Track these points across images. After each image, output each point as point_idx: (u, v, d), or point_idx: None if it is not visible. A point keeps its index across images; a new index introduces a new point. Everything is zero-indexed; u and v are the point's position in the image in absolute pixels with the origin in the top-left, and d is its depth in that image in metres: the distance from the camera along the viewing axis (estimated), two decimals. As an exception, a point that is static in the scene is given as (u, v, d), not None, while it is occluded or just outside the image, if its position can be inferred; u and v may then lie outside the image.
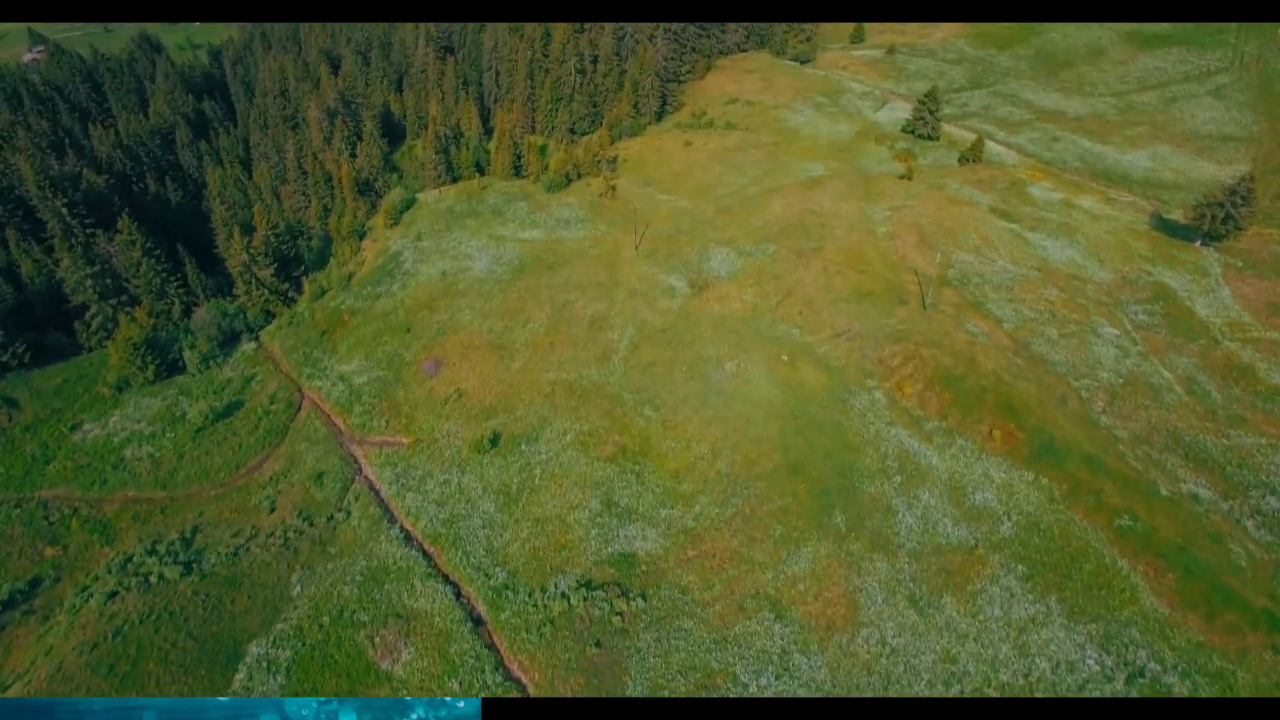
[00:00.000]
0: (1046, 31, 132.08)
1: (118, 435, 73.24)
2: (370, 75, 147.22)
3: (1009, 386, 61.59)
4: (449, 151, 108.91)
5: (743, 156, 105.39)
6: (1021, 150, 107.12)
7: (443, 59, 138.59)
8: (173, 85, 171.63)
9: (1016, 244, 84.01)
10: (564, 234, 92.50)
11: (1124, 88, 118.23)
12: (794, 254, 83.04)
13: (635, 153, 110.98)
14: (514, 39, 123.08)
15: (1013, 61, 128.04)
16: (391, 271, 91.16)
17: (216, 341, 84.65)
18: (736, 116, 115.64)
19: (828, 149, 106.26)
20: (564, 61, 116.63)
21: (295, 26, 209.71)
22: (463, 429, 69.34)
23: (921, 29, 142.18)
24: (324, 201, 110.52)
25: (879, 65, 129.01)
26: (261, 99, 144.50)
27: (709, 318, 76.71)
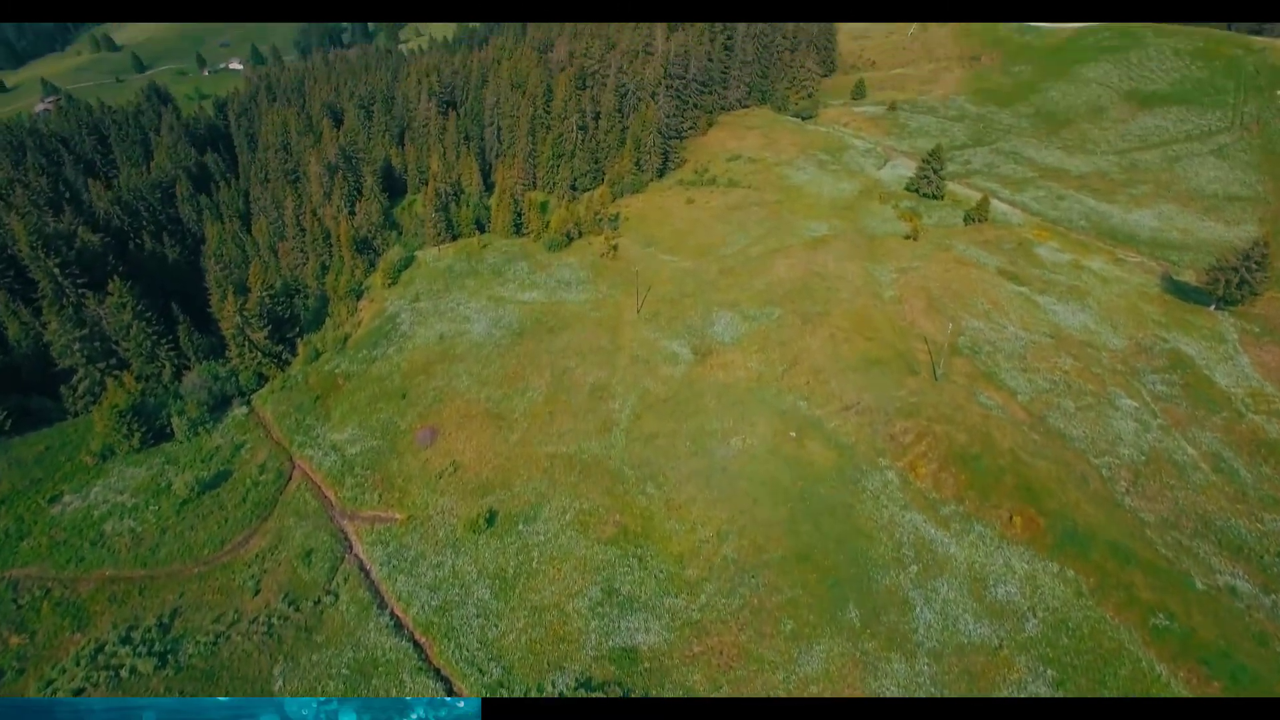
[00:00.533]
0: (1046, 89, 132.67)
1: (99, 508, 70.31)
2: (372, 129, 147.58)
3: (1027, 466, 59.00)
4: (449, 209, 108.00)
5: (745, 215, 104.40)
6: (1027, 209, 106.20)
7: (444, 114, 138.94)
8: (177, 137, 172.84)
9: (1027, 308, 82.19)
10: (565, 296, 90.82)
11: (1126, 145, 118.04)
12: (799, 318, 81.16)
13: (637, 210, 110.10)
14: (516, 95, 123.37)
15: (1014, 119, 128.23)
16: (388, 334, 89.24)
17: (207, 406, 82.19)
18: (739, 173, 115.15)
19: (831, 207, 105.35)
20: (566, 118, 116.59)
21: (301, 79, 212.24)
22: (458, 505, 66.56)
23: (922, 85, 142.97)
24: (322, 259, 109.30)
25: (881, 121, 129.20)
26: (263, 153, 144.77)
27: (713, 387, 74.46)
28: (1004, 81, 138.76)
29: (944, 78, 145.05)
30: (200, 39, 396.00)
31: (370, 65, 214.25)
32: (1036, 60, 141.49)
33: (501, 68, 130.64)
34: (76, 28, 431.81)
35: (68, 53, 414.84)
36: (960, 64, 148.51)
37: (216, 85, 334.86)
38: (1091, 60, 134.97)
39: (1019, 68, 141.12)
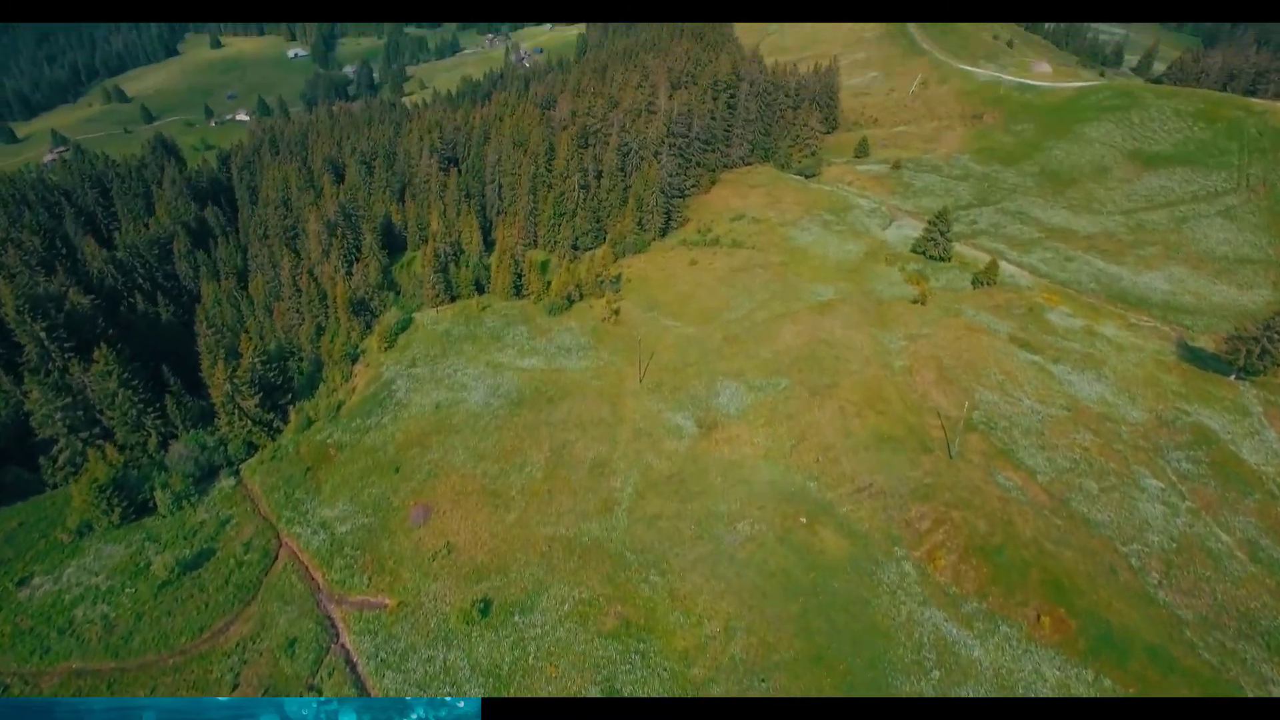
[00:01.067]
0: (1050, 148, 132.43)
1: (71, 591, 66.79)
2: (373, 185, 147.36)
3: (1053, 558, 55.67)
4: (448, 270, 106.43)
5: (750, 277, 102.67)
6: (1035, 270, 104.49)
7: (445, 170, 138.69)
8: (178, 191, 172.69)
9: (1041, 379, 79.60)
10: (565, 363, 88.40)
11: (1132, 206, 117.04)
12: (807, 390, 78.54)
13: (639, 271, 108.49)
14: (517, 153, 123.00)
15: (1019, 178, 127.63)
16: (383, 401, 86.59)
17: (193, 478, 79.12)
18: (743, 234, 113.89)
19: (837, 270, 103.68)
20: (568, 176, 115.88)
21: (304, 132, 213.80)
22: (451, 591, 63.07)
23: (925, 143, 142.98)
24: (318, 320, 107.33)
25: (885, 180, 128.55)
26: (263, 208, 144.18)
27: (718, 463, 71.47)
28: (1007, 140, 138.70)
29: (946, 136, 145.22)
30: (209, 91, 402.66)
31: (373, 119, 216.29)
32: (1038, 119, 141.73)
33: (503, 125, 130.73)
34: (88, 80, 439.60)
35: (79, 104, 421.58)
36: (962, 122, 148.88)
37: (222, 136, 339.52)
38: (1093, 120, 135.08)
39: (1021, 126, 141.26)
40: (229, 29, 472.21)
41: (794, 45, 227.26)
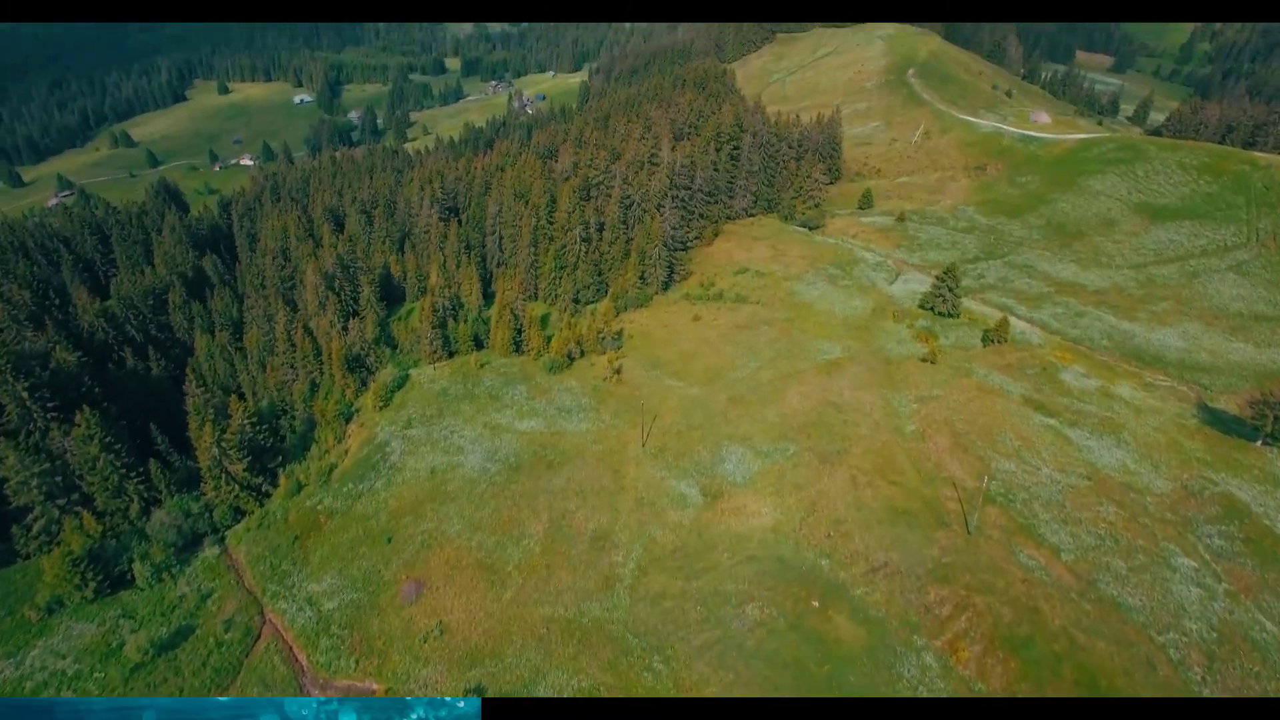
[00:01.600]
0: (1055, 201, 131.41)
1: (33, 677, 62.87)
2: (373, 235, 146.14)
3: (1085, 651, 52.02)
4: (446, 325, 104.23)
5: (755, 335, 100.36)
6: (1045, 327, 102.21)
7: (446, 221, 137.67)
8: (178, 238, 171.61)
9: (1059, 445, 76.58)
10: (565, 425, 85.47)
11: (1141, 260, 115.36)
12: (817, 457, 75.50)
13: (641, 327, 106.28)
14: (518, 205, 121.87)
15: (1025, 231, 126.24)
16: (376, 465, 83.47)
17: (175, 548, 75.70)
18: (747, 288, 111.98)
19: (844, 326, 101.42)
20: (569, 229, 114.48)
21: (306, 178, 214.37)
22: (442, 677, 59.22)
23: (929, 195, 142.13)
24: (312, 376, 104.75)
25: (890, 233, 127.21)
26: (261, 258, 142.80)
27: (725, 537, 68.09)
28: (1011, 192, 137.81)
29: (950, 187, 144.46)
30: (215, 136, 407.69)
31: (375, 166, 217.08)
32: (1042, 171, 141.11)
33: (505, 175, 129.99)
34: (97, 125, 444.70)
35: (87, 149, 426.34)
36: (966, 173, 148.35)
37: (226, 180, 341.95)
38: (1097, 172, 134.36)
39: (1025, 178, 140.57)
40: (236, 75, 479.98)
41: (795, 94, 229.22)
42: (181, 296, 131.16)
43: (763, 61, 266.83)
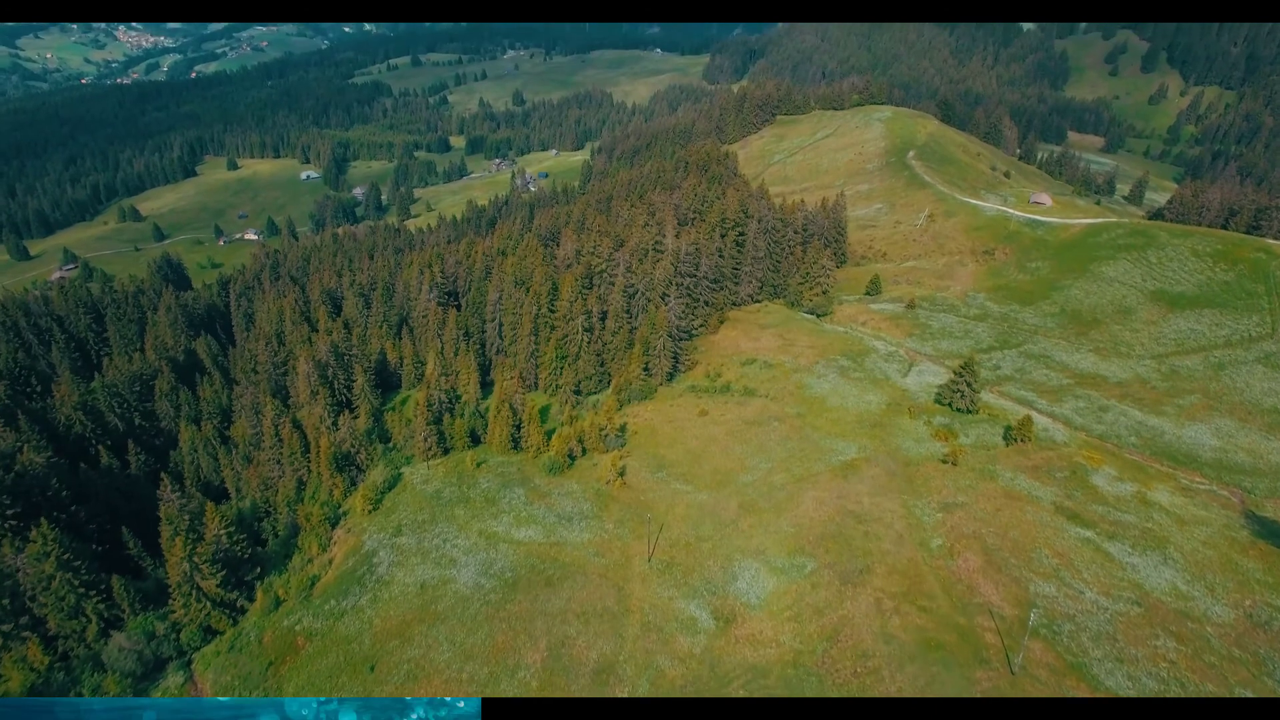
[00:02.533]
0: (1067, 288, 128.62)
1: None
2: (370, 319, 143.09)
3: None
4: (442, 420, 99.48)
5: (765, 432, 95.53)
6: (1068, 422, 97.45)
7: (445, 306, 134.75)
8: (174, 318, 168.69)
9: (1100, 562, 70.70)
10: (565, 534, 79.67)
11: (1162, 350, 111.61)
12: (837, 576, 69.57)
13: (646, 422, 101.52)
14: (519, 292, 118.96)
15: (1039, 319, 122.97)
16: (362, 578, 77.32)
17: (134, 677, 68.88)
18: (755, 380, 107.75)
19: (857, 423, 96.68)
20: (571, 318, 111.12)
21: (305, 260, 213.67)
22: (420, 846, 51.61)
23: (938, 280, 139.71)
24: (299, 474, 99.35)
25: (900, 321, 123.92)
26: (254, 342, 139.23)
27: (740, 669, 61.59)
28: (1022, 278, 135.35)
29: (959, 272, 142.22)
30: (221, 211, 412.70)
31: (377, 245, 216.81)
32: (1052, 256, 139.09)
33: (506, 262, 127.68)
34: (107, 199, 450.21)
35: (95, 222, 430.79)
36: (974, 258, 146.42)
37: (230, 254, 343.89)
38: (1109, 258, 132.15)
39: (1035, 264, 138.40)
40: (246, 152, 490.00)
41: (796, 175, 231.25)
42: (170, 383, 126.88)
43: (763, 142, 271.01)
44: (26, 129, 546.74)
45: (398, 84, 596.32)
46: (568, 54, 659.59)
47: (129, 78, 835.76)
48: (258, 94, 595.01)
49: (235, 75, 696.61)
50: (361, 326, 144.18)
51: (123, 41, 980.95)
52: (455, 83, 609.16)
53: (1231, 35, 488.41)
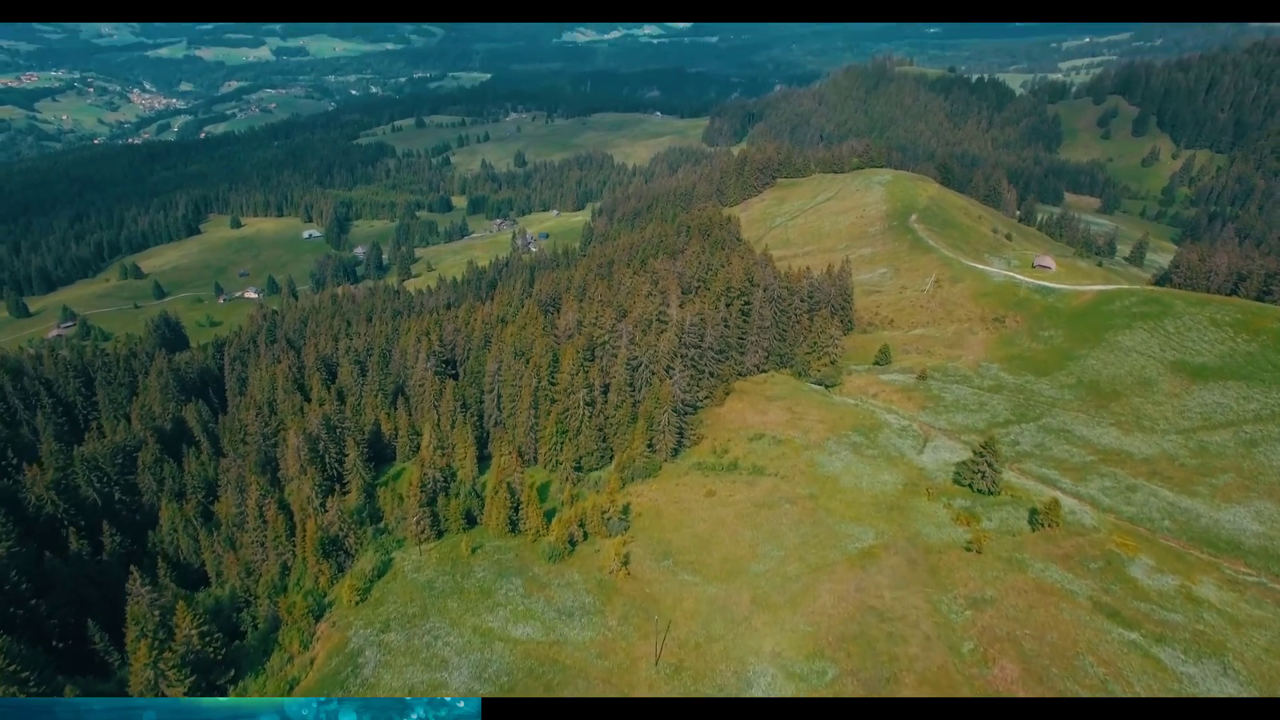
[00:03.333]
0: (1083, 357, 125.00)
1: None
2: (365, 386, 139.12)
3: None
4: (436, 502, 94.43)
5: (776, 515, 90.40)
6: (1096, 503, 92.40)
7: (442, 377, 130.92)
8: (164, 383, 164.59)
9: (1152, 671, 64.86)
10: (566, 632, 73.87)
11: (1188, 425, 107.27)
12: (861, 685, 63.70)
13: (650, 502, 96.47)
14: (519, 364, 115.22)
15: (1056, 390, 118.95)
16: (345, 682, 71.19)
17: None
18: (764, 458, 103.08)
19: (873, 505, 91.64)
20: (572, 392, 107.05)
21: (303, 323, 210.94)
22: None
23: (948, 350, 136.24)
24: (283, 557, 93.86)
25: (912, 393, 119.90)
26: (245, 411, 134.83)
27: (761, 801, 55.13)
28: (1035, 347, 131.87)
29: (969, 341, 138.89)
30: (223, 269, 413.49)
31: (375, 308, 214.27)
32: (1065, 325, 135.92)
33: (505, 331, 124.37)
34: (110, 257, 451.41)
35: (97, 279, 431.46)
36: (984, 325, 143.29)
37: (229, 312, 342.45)
38: (1125, 327, 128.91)
39: (1048, 332, 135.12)
40: (250, 210, 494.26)
41: (798, 239, 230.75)
42: (154, 454, 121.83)
43: (764, 205, 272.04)
44: (37, 188, 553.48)
45: (402, 145, 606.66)
46: (569, 116, 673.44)
47: (140, 138, 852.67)
48: (264, 154, 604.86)
49: (243, 135, 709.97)
50: (356, 395, 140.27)
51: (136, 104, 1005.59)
52: (458, 144, 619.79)
53: (1218, 102, 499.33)
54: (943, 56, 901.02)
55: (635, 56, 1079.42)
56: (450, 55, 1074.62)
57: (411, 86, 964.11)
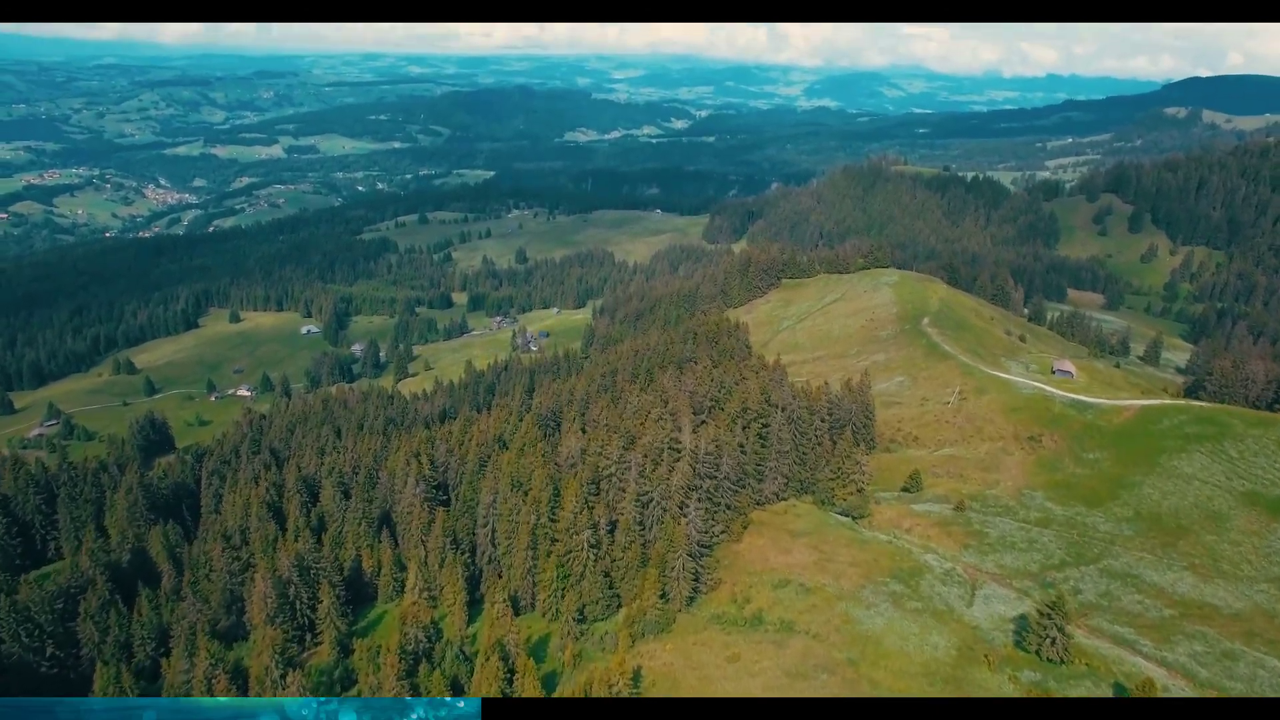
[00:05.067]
0: (1138, 485, 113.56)
1: None
2: (348, 513, 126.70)
3: None
4: (418, 670, 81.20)
5: (813, 688, 77.02)
6: (1191, 676, 79.01)
7: (433, 503, 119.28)
8: (133, 502, 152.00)
9: None
10: None
11: (1278, 570, 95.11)
12: None
13: (665, 667, 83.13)
14: (516, 497, 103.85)
15: (1113, 525, 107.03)
16: None
17: None
18: (792, 610, 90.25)
19: (925, 676, 78.45)
20: (575, 532, 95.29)
21: (291, 428, 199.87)
22: None
23: (983, 474, 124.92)
24: (232, 740, 79.39)
25: (950, 528, 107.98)
26: (211, 542, 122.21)
27: None
28: (1081, 473, 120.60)
29: (1005, 463, 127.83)
30: (217, 365, 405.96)
31: (368, 414, 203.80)
32: (1111, 446, 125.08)
33: (502, 457, 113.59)
34: (106, 351, 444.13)
35: (90, 374, 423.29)
36: (1019, 445, 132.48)
37: (220, 411, 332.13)
38: (1180, 451, 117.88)
39: (1093, 455, 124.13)
40: (250, 305, 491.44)
41: (807, 343, 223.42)
42: (102, 596, 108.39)
43: (770, 307, 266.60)
44: (43, 280, 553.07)
45: (404, 240, 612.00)
46: (570, 213, 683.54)
47: (150, 231, 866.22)
48: (268, 247, 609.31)
49: (249, 229, 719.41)
50: (338, 523, 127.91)
51: (150, 198, 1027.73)
52: (460, 240, 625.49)
53: (1210, 201, 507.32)
54: (932, 155, 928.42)
55: (634, 155, 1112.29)
56: (455, 154, 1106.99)
57: (417, 183, 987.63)
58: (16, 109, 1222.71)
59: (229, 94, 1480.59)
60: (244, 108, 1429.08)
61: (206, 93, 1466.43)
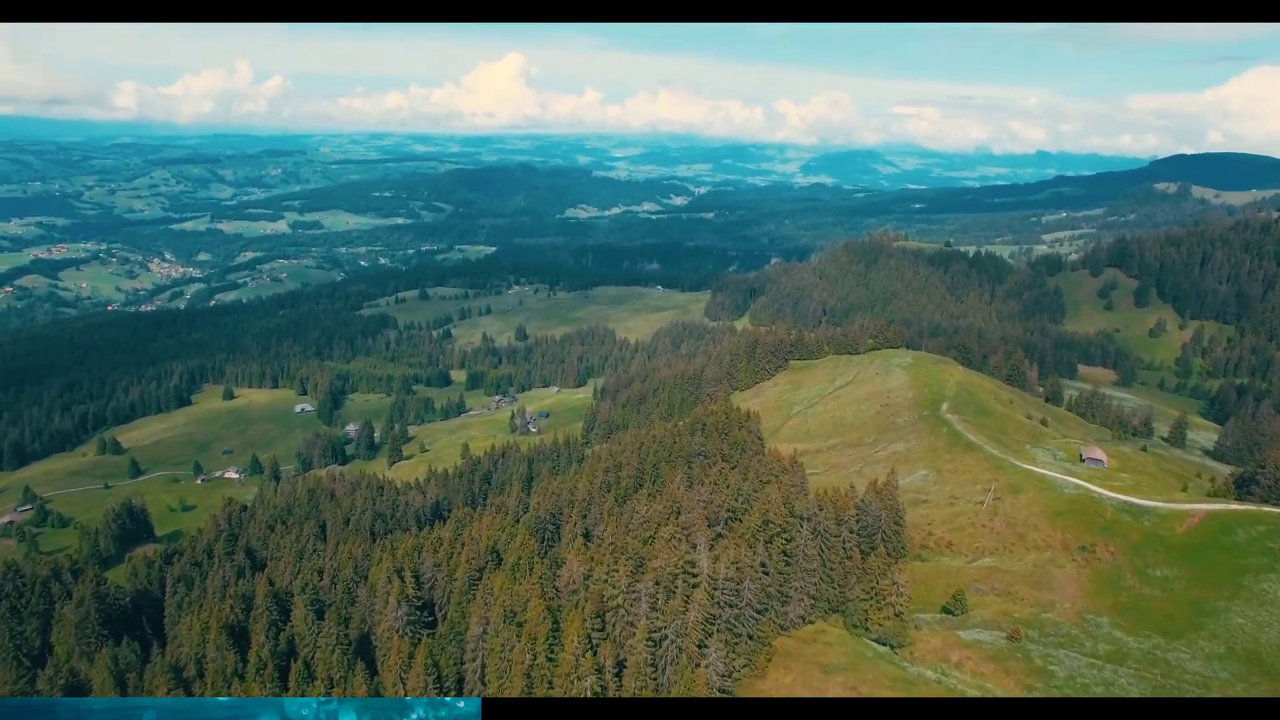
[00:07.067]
0: (1222, 611, 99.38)
1: None
2: (320, 637, 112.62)
3: None
4: None
5: None
6: None
7: (417, 626, 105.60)
8: (84, 615, 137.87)
9: None
10: None
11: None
12: None
13: None
14: (509, 630, 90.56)
15: (1201, 663, 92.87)
16: None
17: None
18: (835, 779, 75.85)
19: None
20: (578, 677, 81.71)
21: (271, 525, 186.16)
22: None
23: (1034, 591, 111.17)
24: None
25: (1007, 663, 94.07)
26: (160, 675, 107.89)
27: None
28: (1151, 594, 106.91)
29: (1057, 578, 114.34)
30: (207, 444, 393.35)
31: (355, 509, 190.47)
32: (1178, 561, 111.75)
33: (494, 579, 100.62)
34: (93, 429, 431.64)
35: (74, 454, 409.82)
36: (1069, 556, 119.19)
37: (205, 495, 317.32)
38: (1267, 570, 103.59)
39: (1160, 571, 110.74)
40: (245, 381, 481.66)
41: (820, 430, 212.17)
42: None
43: (779, 390, 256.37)
44: (38, 354, 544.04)
45: (404, 316, 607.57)
46: (570, 289, 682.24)
47: (153, 304, 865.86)
48: (267, 322, 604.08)
49: (250, 304, 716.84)
50: (310, 646, 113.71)
51: (155, 272, 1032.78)
52: (460, 316, 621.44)
53: (1215, 275, 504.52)
54: (929, 230, 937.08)
55: (634, 230, 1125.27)
56: (457, 230, 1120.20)
57: (419, 258, 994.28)
58: (32, 186, 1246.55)
59: (238, 171, 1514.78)
60: (252, 185, 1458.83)
61: (216, 170, 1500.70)
